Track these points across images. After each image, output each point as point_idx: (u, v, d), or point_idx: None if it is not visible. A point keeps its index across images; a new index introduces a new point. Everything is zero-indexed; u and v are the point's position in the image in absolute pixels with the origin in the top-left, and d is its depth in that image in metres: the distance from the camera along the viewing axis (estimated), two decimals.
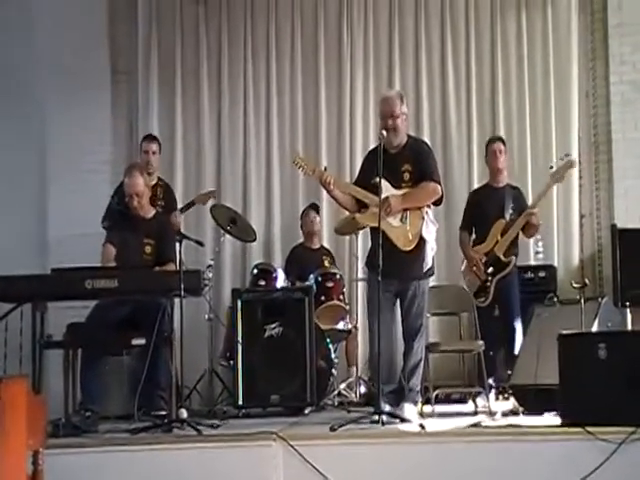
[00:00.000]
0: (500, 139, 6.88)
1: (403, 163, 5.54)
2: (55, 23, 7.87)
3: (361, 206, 5.63)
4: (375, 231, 5.53)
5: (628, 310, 6.32)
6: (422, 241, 5.52)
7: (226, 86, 8.22)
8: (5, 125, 7.71)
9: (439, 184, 5.58)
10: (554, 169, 6.61)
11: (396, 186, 5.49)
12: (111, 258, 5.90)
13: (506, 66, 7.96)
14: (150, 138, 7.06)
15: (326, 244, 7.73)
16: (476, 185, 7.36)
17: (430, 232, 5.58)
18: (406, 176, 5.54)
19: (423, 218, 5.53)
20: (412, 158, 5.55)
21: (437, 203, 5.71)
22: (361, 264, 6.80)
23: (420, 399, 5.69)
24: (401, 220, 5.50)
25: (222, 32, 8.26)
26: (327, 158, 7.98)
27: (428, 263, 5.58)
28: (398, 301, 5.60)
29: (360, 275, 7.00)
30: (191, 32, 8.30)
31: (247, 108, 8.20)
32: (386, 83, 8.03)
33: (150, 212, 6.12)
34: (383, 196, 5.39)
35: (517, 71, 7.94)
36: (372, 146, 6.09)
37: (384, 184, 5.42)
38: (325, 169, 5.75)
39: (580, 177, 7.65)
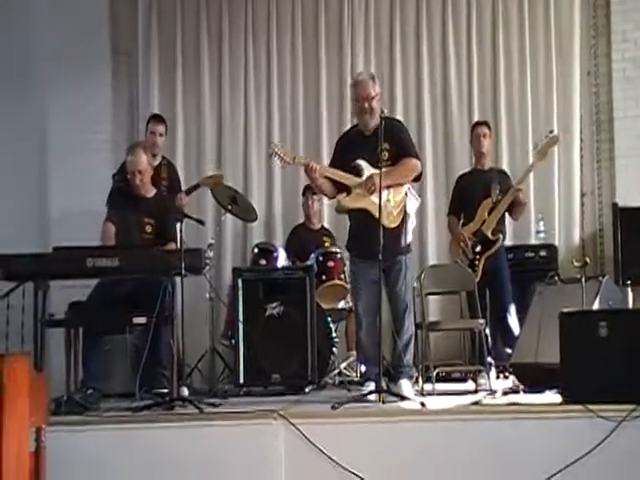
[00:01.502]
0: (485, 123, 6.89)
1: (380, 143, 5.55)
2: (55, 4, 7.83)
3: (339, 190, 5.63)
4: (357, 213, 5.56)
5: (629, 288, 6.35)
6: (405, 216, 5.54)
7: (227, 67, 8.20)
8: (6, 106, 7.70)
9: (419, 159, 5.64)
10: (538, 147, 6.61)
11: (376, 166, 5.46)
12: (111, 236, 5.91)
13: (508, 44, 7.93)
14: (158, 119, 6.99)
15: (327, 224, 7.73)
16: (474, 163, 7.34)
17: (412, 207, 5.61)
18: (384, 155, 5.52)
19: (405, 194, 5.56)
20: (389, 137, 5.52)
21: (417, 179, 5.75)
22: None
23: (415, 374, 5.72)
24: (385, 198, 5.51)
25: (223, 14, 8.21)
26: (328, 141, 7.93)
27: (409, 238, 5.60)
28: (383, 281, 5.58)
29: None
30: (192, 13, 8.25)
31: (248, 89, 8.18)
32: (387, 67, 8.01)
33: (151, 191, 6.12)
34: (367, 174, 5.45)
35: (519, 49, 7.91)
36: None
37: (364, 165, 5.48)
38: (306, 158, 5.74)
39: (581, 156, 7.64)
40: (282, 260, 6.93)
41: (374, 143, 5.43)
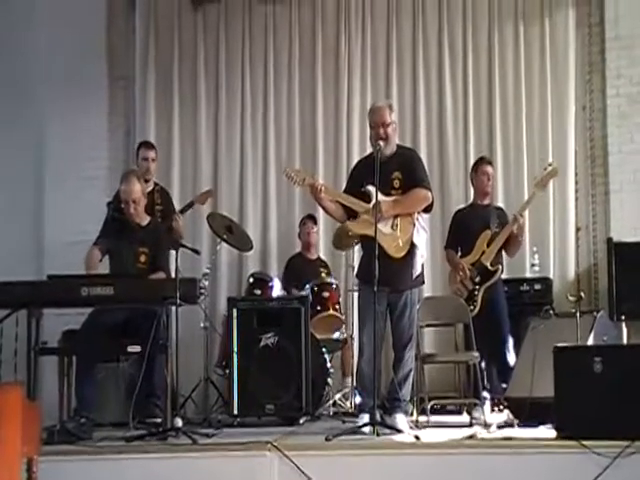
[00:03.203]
0: (490, 162, 6.89)
1: (393, 170, 5.56)
2: (54, 30, 7.89)
3: (350, 215, 5.63)
4: (366, 240, 5.54)
5: (624, 324, 6.35)
6: (412, 247, 5.53)
7: (223, 93, 8.23)
8: (3, 131, 7.71)
9: (430, 191, 5.61)
10: (538, 178, 6.63)
11: (386, 193, 5.49)
12: (95, 262, 5.88)
13: (503, 79, 7.97)
14: (147, 145, 7.04)
15: (322, 254, 7.74)
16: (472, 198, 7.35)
17: (421, 238, 5.58)
18: (396, 183, 5.56)
19: (414, 225, 5.55)
20: (402, 165, 5.58)
21: (427, 210, 5.72)
22: None
23: (411, 409, 5.71)
24: (392, 227, 5.50)
25: (220, 39, 8.27)
26: (324, 169, 8.01)
27: (417, 270, 5.59)
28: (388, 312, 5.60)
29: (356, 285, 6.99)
30: (189, 39, 8.31)
31: (244, 116, 8.22)
32: (383, 96, 8.01)
33: (145, 219, 6.11)
34: (374, 202, 5.39)
35: (514, 84, 7.95)
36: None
37: (374, 191, 5.40)
38: (313, 177, 5.76)
39: (576, 190, 7.67)
40: (277, 290, 6.93)
41: (387, 170, 5.45)
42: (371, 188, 5.44)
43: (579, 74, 7.90)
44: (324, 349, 6.54)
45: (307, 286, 6.85)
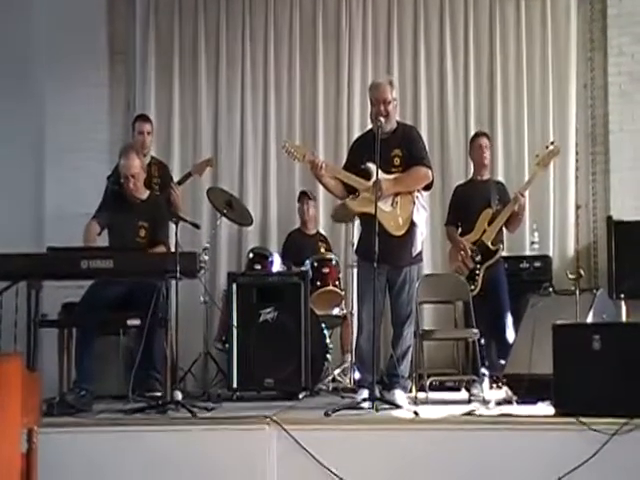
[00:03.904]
0: (485, 134, 6.88)
1: (393, 148, 5.55)
2: (54, 4, 7.82)
3: (349, 192, 5.62)
4: (365, 217, 5.54)
5: (623, 302, 6.36)
6: (412, 225, 5.53)
7: (224, 68, 8.18)
8: (3, 105, 7.67)
9: (430, 169, 5.61)
10: (539, 157, 6.61)
11: (386, 171, 5.48)
12: (94, 235, 5.88)
13: (504, 56, 7.94)
14: (143, 118, 6.99)
15: (322, 230, 7.73)
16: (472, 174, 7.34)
17: (421, 217, 5.59)
18: (396, 161, 5.55)
19: (414, 203, 5.55)
20: (402, 143, 5.58)
21: (427, 188, 5.72)
22: None
23: (410, 385, 5.73)
24: (392, 205, 5.51)
25: (220, 12, 8.20)
26: (324, 145, 7.99)
27: (417, 247, 5.60)
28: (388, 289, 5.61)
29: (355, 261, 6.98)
30: (189, 12, 8.24)
31: (244, 91, 8.18)
32: (384, 71, 7.99)
33: (144, 194, 6.10)
34: (374, 179, 5.38)
35: (515, 61, 7.93)
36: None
37: (374, 168, 5.39)
38: (313, 154, 5.74)
39: (577, 168, 7.69)
40: (277, 265, 6.92)
41: (387, 147, 5.44)
42: (371, 165, 5.43)
43: (581, 51, 7.88)
44: (323, 325, 6.55)
45: (307, 261, 6.84)
